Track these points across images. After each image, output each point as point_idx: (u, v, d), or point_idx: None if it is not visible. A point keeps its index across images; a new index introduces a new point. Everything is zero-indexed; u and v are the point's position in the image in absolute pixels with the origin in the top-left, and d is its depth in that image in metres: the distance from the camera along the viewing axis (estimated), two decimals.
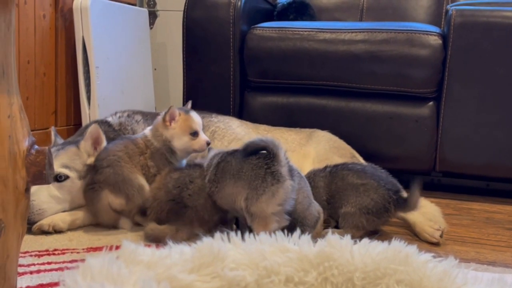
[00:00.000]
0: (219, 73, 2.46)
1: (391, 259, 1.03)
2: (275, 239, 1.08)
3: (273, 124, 2.24)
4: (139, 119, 1.96)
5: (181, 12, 2.51)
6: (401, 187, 1.66)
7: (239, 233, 1.10)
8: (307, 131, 2.18)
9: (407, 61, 2.26)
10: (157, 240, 1.47)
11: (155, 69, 3.56)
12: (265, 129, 2.18)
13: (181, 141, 1.66)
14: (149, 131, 1.70)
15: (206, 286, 0.97)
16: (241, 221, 1.51)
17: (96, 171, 1.60)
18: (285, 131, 2.17)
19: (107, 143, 1.68)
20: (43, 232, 1.55)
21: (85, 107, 2.74)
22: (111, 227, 1.61)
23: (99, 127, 1.68)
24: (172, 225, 1.51)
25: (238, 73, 2.46)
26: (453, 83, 2.24)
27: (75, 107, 2.82)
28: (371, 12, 2.97)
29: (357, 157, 2.11)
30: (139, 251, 1.01)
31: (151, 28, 3.59)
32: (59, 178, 1.61)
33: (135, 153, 1.64)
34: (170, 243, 1.07)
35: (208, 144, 1.68)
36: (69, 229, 1.59)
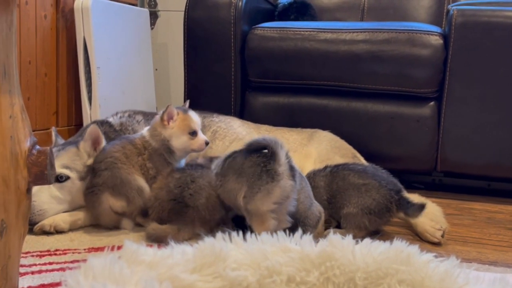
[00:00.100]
0: (220, 73, 2.46)
1: (393, 259, 1.02)
2: (277, 239, 1.08)
3: (275, 124, 2.24)
4: (140, 119, 1.96)
5: (182, 12, 2.51)
6: (402, 187, 1.66)
7: (240, 233, 1.10)
8: (309, 131, 2.18)
9: (408, 61, 2.25)
10: (159, 240, 1.47)
11: (156, 69, 3.56)
12: (267, 129, 2.18)
13: (180, 141, 1.65)
14: (147, 131, 1.68)
15: (208, 286, 0.97)
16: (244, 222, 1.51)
17: (94, 174, 1.60)
18: (287, 131, 2.16)
19: (107, 143, 1.68)
20: (44, 232, 1.55)
21: (86, 107, 2.74)
22: (112, 227, 1.61)
23: (98, 127, 1.68)
24: (173, 224, 1.51)
25: (239, 73, 2.46)
26: (454, 83, 2.24)
27: (76, 108, 2.82)
28: (372, 12, 2.97)
29: (359, 157, 2.11)
30: (141, 251, 1.01)
31: (152, 28, 3.59)
32: (60, 178, 1.61)
33: (133, 154, 1.63)
34: (172, 243, 1.07)
35: (207, 143, 1.68)
36: (71, 230, 1.59)
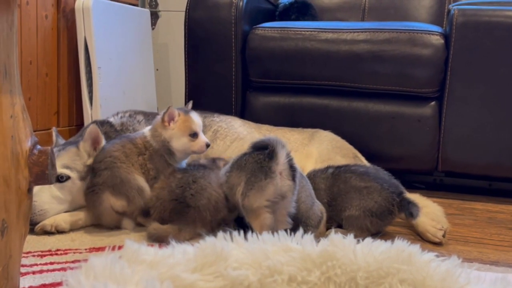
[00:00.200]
0: (221, 73, 2.46)
1: (394, 258, 1.02)
2: (278, 239, 1.08)
3: (275, 124, 2.24)
4: (141, 119, 1.96)
5: (183, 12, 2.51)
6: (403, 188, 1.66)
7: (242, 232, 1.10)
8: (310, 131, 2.18)
9: (409, 60, 2.25)
10: (160, 239, 1.47)
11: (157, 70, 3.56)
12: (268, 129, 2.18)
13: (180, 142, 1.64)
14: (148, 131, 1.68)
15: (209, 285, 0.97)
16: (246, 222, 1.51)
17: (95, 174, 1.60)
18: (288, 131, 2.16)
19: (107, 142, 1.67)
20: (45, 232, 1.55)
21: (87, 107, 2.74)
22: (113, 227, 1.61)
23: (98, 127, 1.67)
24: (175, 224, 1.51)
25: (240, 73, 2.46)
26: (455, 82, 2.23)
27: (77, 108, 2.82)
28: (373, 12, 2.97)
29: (360, 157, 2.11)
30: (142, 250, 1.01)
31: (153, 28, 3.59)
32: (61, 178, 1.61)
33: (133, 153, 1.63)
34: (173, 243, 1.07)
35: (207, 145, 1.66)
36: (72, 230, 1.59)
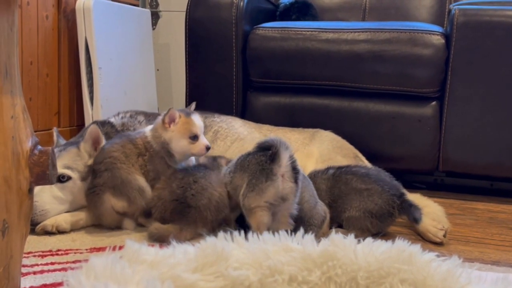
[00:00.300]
0: (222, 73, 2.46)
1: (395, 258, 1.02)
2: (279, 239, 1.08)
3: (276, 124, 2.24)
4: (142, 119, 1.96)
5: (183, 12, 2.51)
6: (404, 190, 1.66)
7: (242, 232, 1.10)
8: (310, 131, 2.18)
9: (410, 60, 2.25)
10: (161, 239, 1.47)
11: (158, 70, 3.56)
12: (268, 129, 2.17)
13: (180, 144, 1.62)
14: (149, 131, 1.66)
15: (209, 285, 0.97)
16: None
17: (95, 175, 1.60)
18: (288, 131, 2.16)
19: (107, 142, 1.67)
20: (46, 232, 1.55)
21: (88, 107, 2.74)
22: (114, 227, 1.61)
23: (98, 127, 1.67)
24: (175, 224, 1.51)
25: (240, 73, 2.46)
26: (456, 82, 2.23)
27: (78, 108, 2.82)
28: (374, 12, 2.97)
29: (360, 157, 2.11)
30: (143, 250, 1.01)
31: (153, 28, 3.60)
32: (62, 178, 1.61)
33: (133, 153, 1.62)
34: (173, 243, 1.07)
35: (207, 148, 1.64)
36: (72, 230, 1.59)
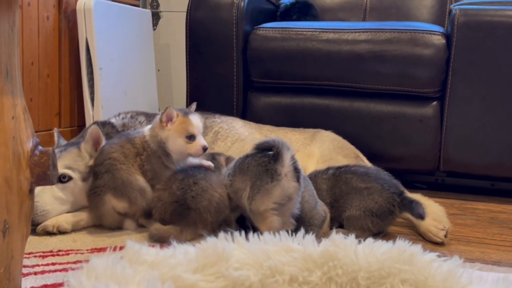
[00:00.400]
0: (223, 74, 2.46)
1: (396, 258, 1.02)
2: (279, 239, 1.08)
3: (277, 124, 2.24)
4: (143, 120, 1.96)
5: (184, 13, 2.51)
6: (403, 188, 1.66)
7: (243, 233, 1.10)
8: (311, 131, 2.18)
9: (410, 60, 2.25)
10: (161, 240, 1.47)
11: (159, 70, 3.56)
12: (269, 130, 2.17)
13: (176, 144, 1.61)
14: (148, 130, 1.66)
15: (210, 286, 0.97)
16: (248, 222, 1.51)
17: (96, 177, 1.60)
18: (289, 131, 2.16)
19: (106, 142, 1.66)
20: (47, 233, 1.55)
21: (88, 108, 2.75)
22: (115, 228, 1.61)
23: (99, 128, 1.67)
24: (176, 226, 1.50)
25: (241, 74, 2.46)
26: (457, 82, 2.23)
27: (79, 108, 2.83)
28: (374, 12, 2.97)
29: (361, 157, 2.11)
30: (143, 251, 1.01)
31: (154, 29, 3.60)
32: (63, 179, 1.61)
33: (131, 153, 1.61)
34: (174, 243, 1.07)
35: (204, 149, 1.62)
36: (73, 230, 1.59)
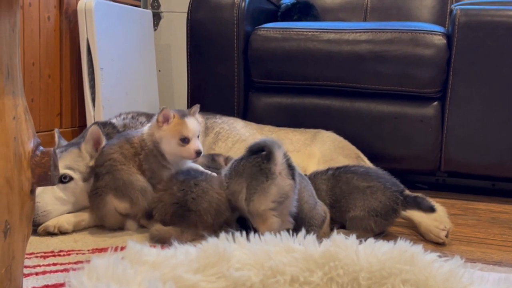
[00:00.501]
0: (223, 74, 2.46)
1: (397, 259, 1.02)
2: (280, 239, 1.08)
3: (278, 124, 2.24)
4: (144, 120, 1.96)
5: (185, 13, 2.51)
6: (403, 186, 1.66)
7: (244, 233, 1.10)
8: (312, 131, 2.18)
9: (411, 61, 2.25)
10: (163, 241, 1.47)
11: (160, 71, 3.56)
12: (270, 130, 2.18)
13: (169, 145, 1.60)
14: (146, 129, 1.65)
15: (211, 286, 0.97)
16: (249, 223, 1.51)
17: (97, 178, 1.60)
18: (290, 132, 2.16)
19: (106, 143, 1.66)
20: (48, 233, 1.55)
21: (89, 108, 2.75)
22: (116, 228, 1.61)
23: (99, 128, 1.67)
24: (176, 227, 1.50)
25: (242, 74, 2.46)
26: (457, 82, 2.23)
27: (80, 109, 2.83)
28: (375, 12, 2.96)
29: (362, 157, 2.11)
30: (145, 251, 1.01)
31: (155, 29, 3.60)
32: (64, 179, 1.61)
33: (130, 153, 1.61)
34: (175, 244, 1.07)
35: (198, 153, 1.60)
36: (74, 231, 1.59)
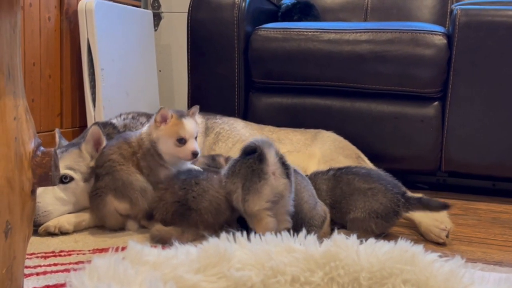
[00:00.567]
0: (224, 74, 2.46)
1: (397, 259, 1.02)
2: (281, 239, 1.08)
3: (278, 125, 2.24)
4: (144, 121, 1.96)
5: (185, 13, 2.51)
6: (405, 188, 1.65)
7: (245, 233, 1.10)
8: (312, 131, 2.18)
9: (412, 61, 2.25)
10: (163, 241, 1.47)
11: (160, 71, 3.56)
12: (270, 130, 2.17)
13: (166, 145, 1.60)
14: (145, 128, 1.66)
15: (212, 286, 0.97)
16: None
17: (97, 179, 1.60)
18: (290, 132, 2.16)
19: (106, 144, 1.67)
20: (49, 233, 1.55)
21: (90, 109, 2.75)
22: (117, 229, 1.61)
23: (100, 128, 1.67)
24: (177, 227, 1.50)
25: (242, 74, 2.46)
26: (458, 82, 2.23)
27: (81, 109, 2.83)
28: (376, 12, 2.97)
29: (362, 157, 2.10)
30: (145, 251, 1.02)
31: (155, 30, 3.60)
32: (64, 179, 1.61)
33: (129, 153, 1.61)
34: (176, 244, 1.07)
35: (194, 154, 1.59)
36: (75, 231, 1.59)
